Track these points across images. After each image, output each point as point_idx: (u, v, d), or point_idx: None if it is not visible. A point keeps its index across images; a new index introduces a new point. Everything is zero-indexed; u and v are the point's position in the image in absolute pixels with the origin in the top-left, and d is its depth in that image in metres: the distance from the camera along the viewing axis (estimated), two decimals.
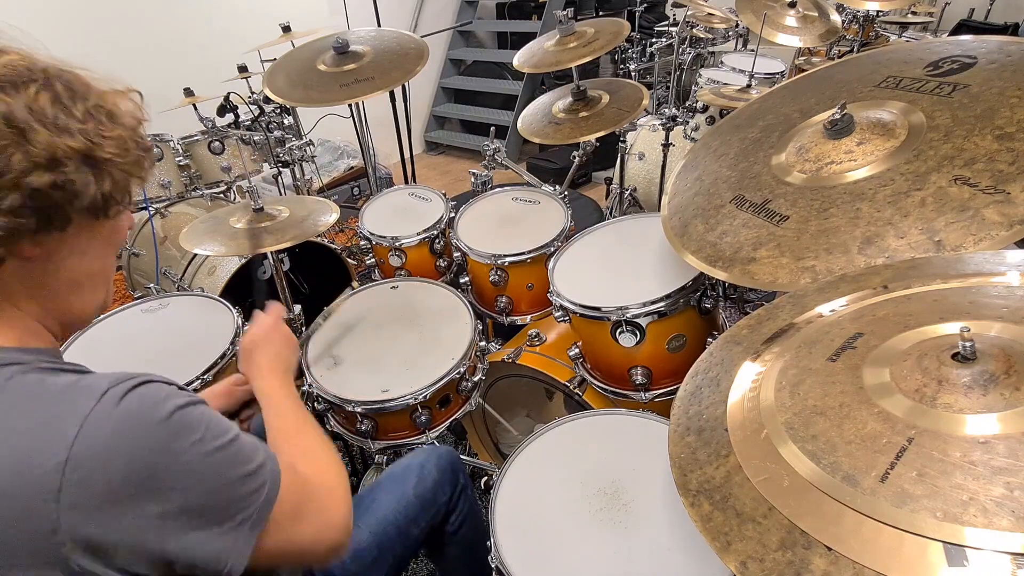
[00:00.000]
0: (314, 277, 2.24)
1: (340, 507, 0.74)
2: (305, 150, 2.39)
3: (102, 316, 1.45)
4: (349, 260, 2.20)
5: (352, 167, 3.82)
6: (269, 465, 0.65)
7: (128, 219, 0.70)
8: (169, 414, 0.56)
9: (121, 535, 0.54)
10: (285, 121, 2.44)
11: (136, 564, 0.55)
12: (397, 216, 1.86)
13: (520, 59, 1.79)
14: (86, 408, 0.54)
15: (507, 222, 1.72)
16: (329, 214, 1.38)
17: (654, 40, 3.30)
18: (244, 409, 1.04)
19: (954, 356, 0.54)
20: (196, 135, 2.36)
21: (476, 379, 1.42)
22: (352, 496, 0.97)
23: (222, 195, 2.44)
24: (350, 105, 2.64)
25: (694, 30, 3.18)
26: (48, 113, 0.58)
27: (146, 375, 0.59)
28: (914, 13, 3.64)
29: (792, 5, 2.31)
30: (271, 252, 1.36)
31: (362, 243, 1.83)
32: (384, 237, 1.75)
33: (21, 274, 0.60)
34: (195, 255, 2.11)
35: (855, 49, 3.01)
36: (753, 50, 2.34)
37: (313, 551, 0.69)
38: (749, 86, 2.16)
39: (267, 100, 2.35)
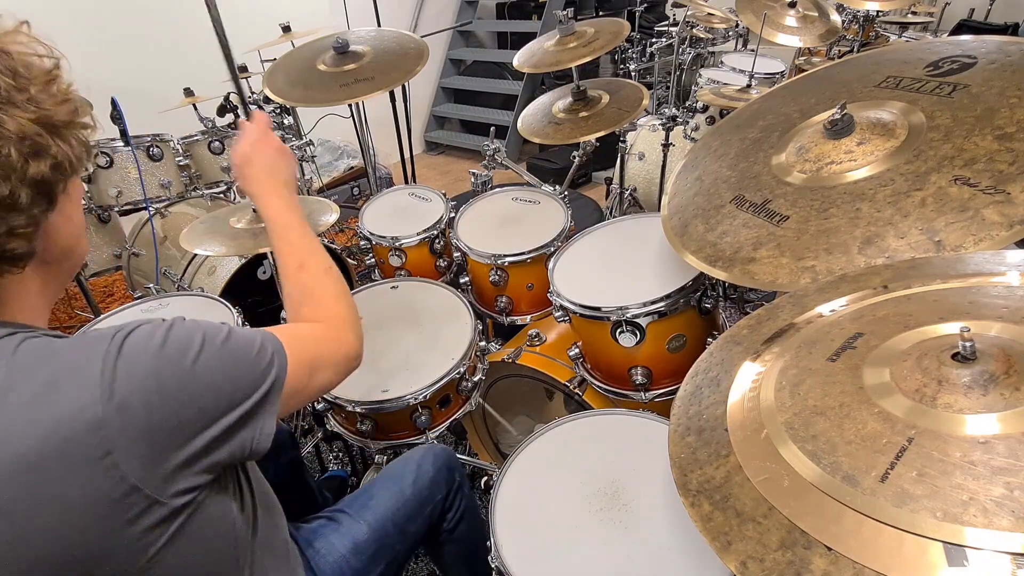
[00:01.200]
0: None
1: (345, 343, 0.82)
2: (305, 150, 2.39)
3: (102, 316, 1.45)
4: (349, 260, 2.20)
5: (352, 167, 3.82)
6: (269, 340, 0.70)
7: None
8: (164, 338, 0.60)
9: (172, 445, 0.58)
10: (285, 121, 2.44)
11: (194, 467, 0.59)
12: (397, 216, 1.86)
13: (520, 59, 1.79)
14: (101, 350, 0.57)
15: (507, 222, 1.72)
16: (329, 214, 1.38)
17: (654, 40, 3.30)
18: None
19: (954, 356, 0.54)
20: (196, 135, 2.36)
21: (476, 379, 1.42)
22: (352, 493, 0.98)
23: (222, 195, 2.44)
24: (350, 105, 2.64)
25: (694, 30, 3.18)
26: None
27: (131, 323, 0.62)
28: (914, 13, 3.64)
29: (792, 5, 2.31)
30: (271, 252, 1.36)
31: (362, 243, 1.83)
32: (384, 237, 1.75)
33: (36, 259, 0.62)
34: (195, 255, 2.11)
35: (855, 49, 3.01)
36: (753, 50, 2.34)
37: (332, 384, 0.80)
38: (749, 86, 2.16)
39: (267, 100, 2.35)
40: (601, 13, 4.64)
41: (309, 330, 0.82)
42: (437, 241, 1.77)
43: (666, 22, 3.79)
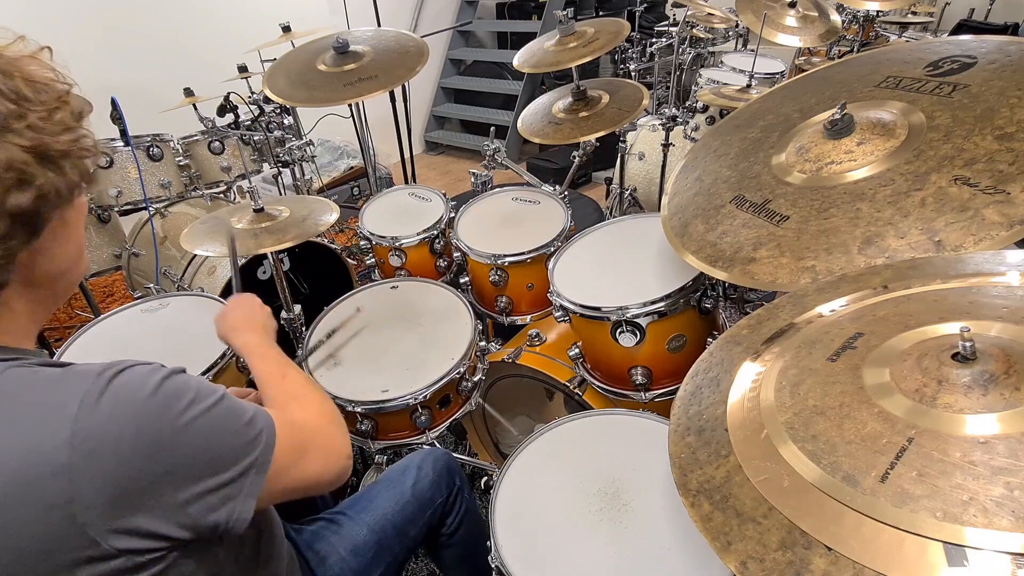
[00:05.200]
0: (314, 277, 2.24)
1: (336, 438, 0.78)
2: (305, 150, 2.39)
3: (102, 316, 1.45)
4: (349, 260, 2.20)
5: (352, 167, 3.82)
6: (261, 415, 0.67)
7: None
8: (157, 386, 0.58)
9: (137, 503, 0.55)
10: (285, 121, 2.44)
11: (155, 529, 0.56)
12: (397, 216, 1.86)
13: (520, 59, 1.79)
14: (82, 389, 0.55)
15: (507, 222, 1.72)
16: (329, 213, 1.38)
17: (654, 40, 3.29)
18: None
19: (954, 356, 0.54)
20: (196, 135, 2.36)
21: (476, 379, 1.42)
22: (352, 495, 0.98)
23: (222, 195, 2.44)
24: (350, 105, 2.64)
25: (694, 30, 3.19)
26: None
27: (129, 361, 0.60)
28: (914, 13, 3.64)
29: (792, 5, 2.31)
30: (271, 252, 1.36)
31: (362, 243, 1.83)
32: (384, 237, 1.75)
33: (19, 284, 0.60)
34: (195, 255, 2.11)
35: (855, 49, 3.01)
36: (753, 50, 2.34)
37: (319, 483, 0.74)
38: (749, 86, 2.16)
39: (267, 100, 2.35)
40: (601, 13, 4.65)
41: (301, 419, 0.77)
42: (437, 241, 1.77)
43: (666, 22, 3.79)
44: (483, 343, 1.43)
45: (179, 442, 0.57)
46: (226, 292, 1.95)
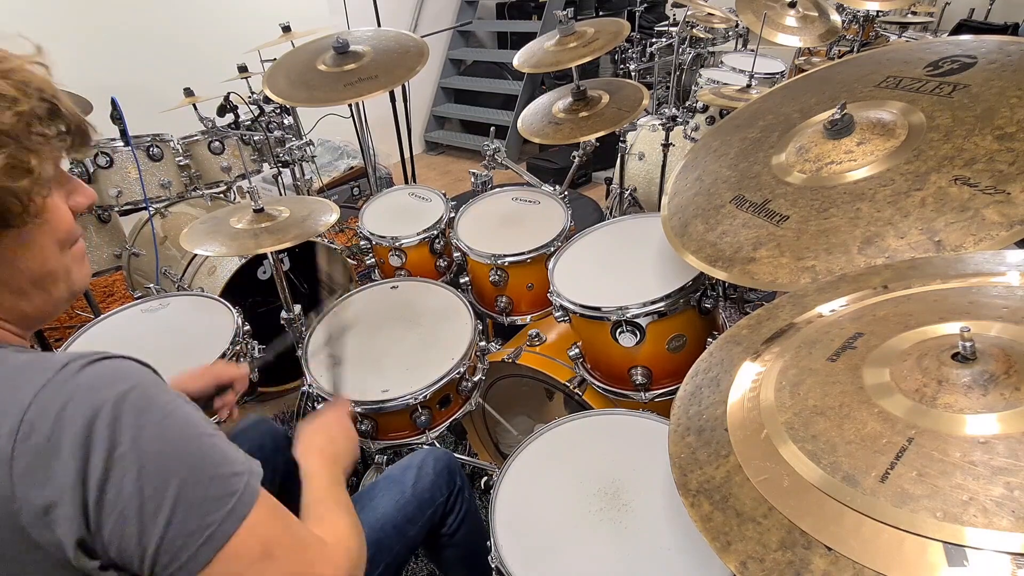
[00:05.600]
0: (314, 277, 2.24)
1: (329, 566, 0.63)
2: (305, 150, 2.39)
3: (102, 316, 1.46)
4: (349, 260, 2.20)
5: (352, 167, 3.82)
6: (247, 479, 0.57)
7: (81, 204, 0.63)
8: (127, 391, 0.52)
9: (66, 503, 0.50)
10: (285, 121, 2.44)
11: (80, 540, 0.51)
12: (397, 216, 1.86)
13: (520, 59, 1.79)
14: (43, 378, 0.51)
15: (507, 222, 1.72)
16: (329, 214, 1.38)
17: (654, 40, 3.29)
18: (221, 393, 1.03)
19: (954, 356, 0.54)
20: (196, 135, 2.36)
21: (476, 379, 1.42)
22: (351, 495, 0.96)
23: (222, 195, 2.44)
24: (350, 105, 2.64)
25: (694, 30, 3.19)
26: None
27: (110, 352, 0.55)
28: (914, 13, 3.64)
29: (792, 5, 2.31)
30: (271, 252, 1.36)
31: (362, 243, 1.83)
32: (384, 237, 1.75)
33: None
34: (195, 255, 2.11)
35: (855, 49, 3.01)
36: (753, 50, 2.34)
37: None
38: (749, 86, 2.16)
39: (267, 100, 2.35)
40: (601, 13, 4.65)
41: (307, 533, 0.64)
42: (437, 241, 1.77)
43: (666, 22, 3.79)
44: (483, 343, 1.43)
45: (127, 460, 0.51)
46: (226, 292, 1.95)
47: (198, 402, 0.99)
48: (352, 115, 2.72)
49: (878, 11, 2.92)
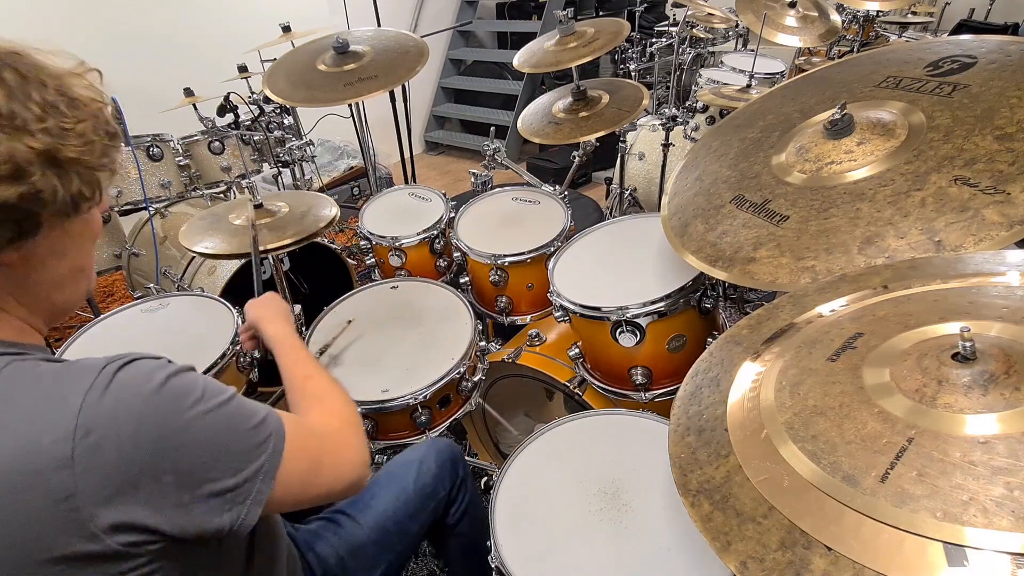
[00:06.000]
0: (314, 277, 2.24)
1: (354, 447, 0.75)
2: (305, 150, 2.40)
3: (102, 316, 1.45)
4: (349, 260, 2.20)
5: (352, 167, 3.82)
6: (271, 420, 0.65)
7: (103, 207, 0.67)
8: (163, 382, 0.58)
9: (138, 499, 0.54)
10: (285, 121, 2.44)
11: (155, 526, 0.55)
12: (397, 216, 1.86)
13: (520, 59, 1.79)
14: (87, 382, 0.55)
15: (507, 222, 1.72)
16: (329, 208, 1.37)
17: (654, 40, 3.29)
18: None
19: (954, 356, 0.54)
20: (196, 135, 2.36)
21: (476, 379, 1.42)
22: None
23: (222, 195, 2.44)
24: (350, 105, 2.64)
25: (694, 30, 3.19)
26: (2, 110, 0.53)
27: (135, 354, 0.59)
28: (914, 13, 3.64)
29: (792, 5, 2.31)
30: (271, 252, 1.36)
31: (362, 243, 1.83)
32: (384, 237, 1.75)
33: (3, 280, 0.60)
34: (195, 255, 2.10)
35: (855, 49, 3.01)
36: (753, 50, 2.34)
37: (331, 493, 0.71)
38: (749, 86, 2.16)
39: (267, 100, 2.35)
40: (601, 13, 4.65)
41: (320, 424, 0.77)
42: (437, 241, 1.77)
43: (666, 22, 3.79)
44: (483, 343, 1.43)
45: (182, 440, 0.56)
46: (226, 292, 1.95)
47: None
48: (352, 115, 2.73)
49: (878, 11, 2.92)
